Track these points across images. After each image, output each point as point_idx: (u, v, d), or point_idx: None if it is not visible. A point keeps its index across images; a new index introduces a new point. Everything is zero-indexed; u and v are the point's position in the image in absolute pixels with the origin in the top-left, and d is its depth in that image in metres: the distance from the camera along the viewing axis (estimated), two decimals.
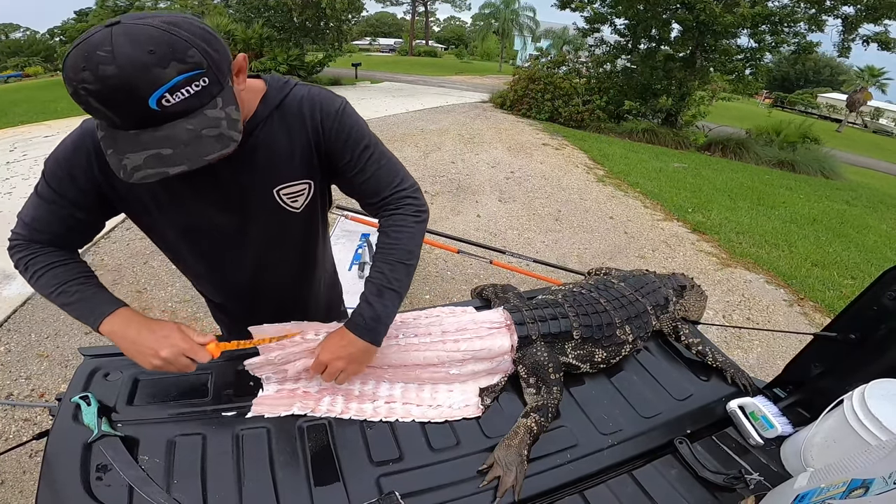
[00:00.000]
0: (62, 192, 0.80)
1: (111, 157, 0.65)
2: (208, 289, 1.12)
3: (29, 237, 0.83)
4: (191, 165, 0.65)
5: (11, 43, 41.61)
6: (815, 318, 3.43)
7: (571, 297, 1.12)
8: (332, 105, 0.86)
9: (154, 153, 0.64)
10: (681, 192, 6.14)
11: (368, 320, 0.88)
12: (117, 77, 0.58)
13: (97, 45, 0.59)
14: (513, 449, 0.84)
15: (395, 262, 0.91)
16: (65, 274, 0.83)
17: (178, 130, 0.64)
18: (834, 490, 0.67)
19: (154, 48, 0.59)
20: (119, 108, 0.61)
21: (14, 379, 2.30)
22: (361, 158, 0.90)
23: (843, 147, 15.05)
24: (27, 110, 10.07)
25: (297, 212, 0.93)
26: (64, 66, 0.61)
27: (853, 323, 0.99)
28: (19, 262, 0.84)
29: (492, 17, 36.97)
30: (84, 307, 0.82)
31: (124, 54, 0.58)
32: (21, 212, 0.84)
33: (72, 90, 0.61)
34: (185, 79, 0.62)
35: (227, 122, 0.67)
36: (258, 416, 0.88)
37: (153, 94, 0.60)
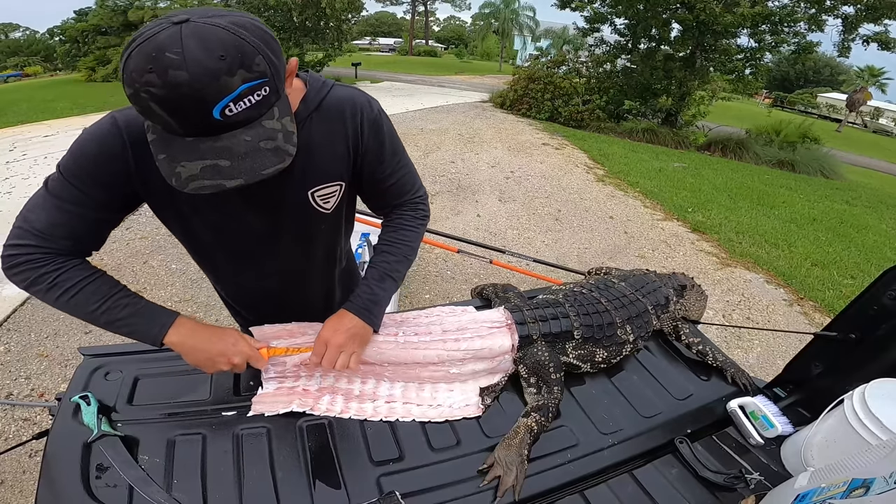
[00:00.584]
0: (87, 191, 0.73)
1: (163, 162, 0.62)
2: (231, 287, 1.10)
3: (45, 247, 0.74)
4: (248, 180, 0.63)
5: (11, 42, 41.58)
6: (815, 317, 3.43)
7: (572, 296, 1.12)
8: (371, 108, 0.87)
9: (211, 164, 0.61)
10: (680, 191, 6.14)
11: (367, 301, 0.92)
12: (187, 84, 0.55)
13: (166, 45, 0.55)
14: (513, 448, 0.84)
15: (401, 256, 0.97)
16: (105, 288, 0.78)
17: (236, 141, 0.62)
18: (834, 490, 0.67)
19: (224, 53, 0.56)
20: (182, 115, 0.58)
21: (14, 378, 2.30)
22: (391, 164, 0.93)
23: (843, 147, 15.05)
24: (26, 110, 10.07)
25: (328, 212, 0.92)
26: (125, 65, 0.57)
27: (853, 322, 0.99)
28: (38, 280, 0.74)
29: (492, 17, 36.96)
30: (141, 322, 0.79)
31: (196, 59, 0.55)
32: (25, 220, 0.74)
33: (132, 92, 0.57)
34: (249, 88, 0.59)
35: (284, 134, 0.65)
36: (258, 415, 0.88)
37: (219, 104, 0.58)
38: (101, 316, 0.77)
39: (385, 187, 0.95)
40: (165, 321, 0.81)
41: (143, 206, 0.85)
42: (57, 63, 28.24)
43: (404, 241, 0.97)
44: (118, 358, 0.97)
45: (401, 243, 0.97)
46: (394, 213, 1.00)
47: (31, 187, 4.81)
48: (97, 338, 2.57)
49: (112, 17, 19.70)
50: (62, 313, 0.78)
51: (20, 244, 0.74)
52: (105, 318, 0.77)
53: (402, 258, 0.97)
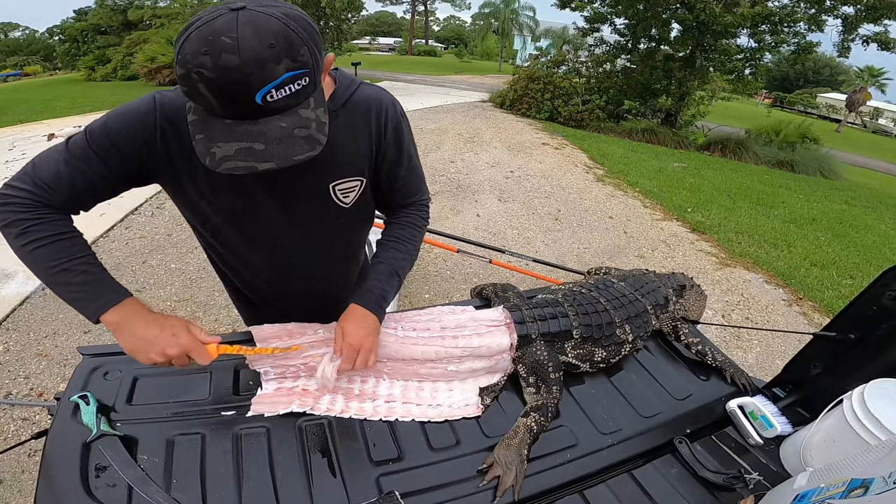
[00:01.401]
0: (105, 159, 0.75)
1: (200, 142, 0.65)
2: (242, 270, 1.07)
3: (40, 198, 0.74)
4: (279, 164, 0.65)
5: (10, 42, 41.59)
6: (814, 317, 3.43)
7: (571, 296, 1.12)
8: (395, 110, 0.91)
9: (246, 146, 0.64)
10: (680, 191, 6.14)
11: (378, 297, 0.93)
12: (237, 69, 0.58)
13: (222, 30, 0.58)
14: (512, 448, 0.84)
15: (407, 254, 0.99)
16: (70, 249, 0.76)
17: (272, 127, 0.64)
18: (833, 490, 0.67)
19: (274, 42, 0.59)
20: (226, 98, 0.61)
21: (13, 378, 2.30)
22: (406, 165, 0.96)
23: (843, 147, 15.06)
24: (26, 109, 10.07)
25: (347, 207, 0.94)
26: (181, 47, 0.60)
27: (852, 323, 0.99)
28: (15, 223, 0.73)
29: (491, 17, 36.96)
30: (88, 291, 0.75)
31: (248, 46, 0.58)
32: (33, 166, 0.75)
33: (184, 72, 0.60)
34: (291, 77, 0.62)
35: (317, 124, 0.68)
36: (257, 415, 0.88)
37: (262, 90, 0.61)
38: (55, 275, 0.74)
39: (396, 187, 0.98)
40: (112, 298, 0.76)
41: (141, 205, 0.85)
42: (56, 62, 28.25)
43: (410, 240, 1.00)
44: (117, 357, 0.97)
45: (407, 241, 0.99)
46: (400, 213, 1.03)
47: None
48: (96, 337, 2.57)
49: (111, 16, 19.70)
50: (62, 313, 0.78)
51: (17, 186, 0.74)
52: (57, 278, 0.74)
53: (407, 256, 0.99)
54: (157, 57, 14.12)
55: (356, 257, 1.15)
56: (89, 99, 11.60)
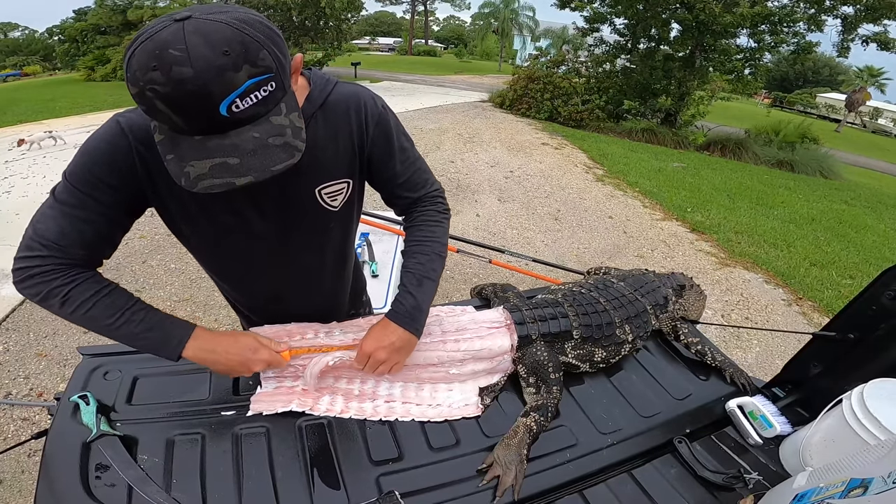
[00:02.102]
0: (96, 196, 0.72)
1: (171, 162, 0.62)
2: (239, 290, 1.07)
3: (56, 258, 0.72)
4: (257, 177, 0.62)
5: (10, 42, 41.55)
6: (814, 317, 3.44)
7: (571, 296, 1.12)
8: (375, 105, 0.87)
9: (220, 162, 0.60)
10: (680, 191, 6.15)
11: (410, 309, 0.90)
12: (192, 81, 0.54)
13: (168, 42, 0.54)
14: (512, 448, 0.84)
15: (433, 254, 0.95)
16: (120, 301, 0.77)
17: (244, 138, 0.61)
18: (833, 489, 0.67)
19: (228, 49, 0.56)
20: (188, 113, 0.58)
21: (13, 378, 2.30)
22: (401, 158, 0.93)
23: (842, 147, 15.07)
24: (25, 109, 10.06)
25: (335, 210, 0.92)
26: (128, 63, 0.56)
27: (852, 322, 0.99)
28: (51, 294, 0.72)
29: (491, 17, 36.96)
30: (157, 336, 0.78)
31: (200, 55, 0.54)
32: (35, 230, 0.72)
33: (136, 91, 0.56)
34: (255, 83, 0.59)
35: (292, 129, 0.65)
36: (257, 415, 0.88)
37: (225, 100, 0.57)
38: (118, 330, 0.76)
39: (398, 183, 0.95)
40: (182, 335, 0.80)
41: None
42: (56, 62, 28.22)
43: (432, 239, 0.96)
44: (117, 357, 0.97)
45: (429, 241, 0.96)
46: (415, 211, 0.99)
47: (31, 186, 4.83)
48: (96, 337, 2.56)
49: (111, 16, 19.67)
50: None
51: (30, 256, 0.72)
52: (121, 333, 0.76)
53: (434, 256, 0.95)
54: None
55: (348, 260, 1.13)
56: (89, 99, 11.60)
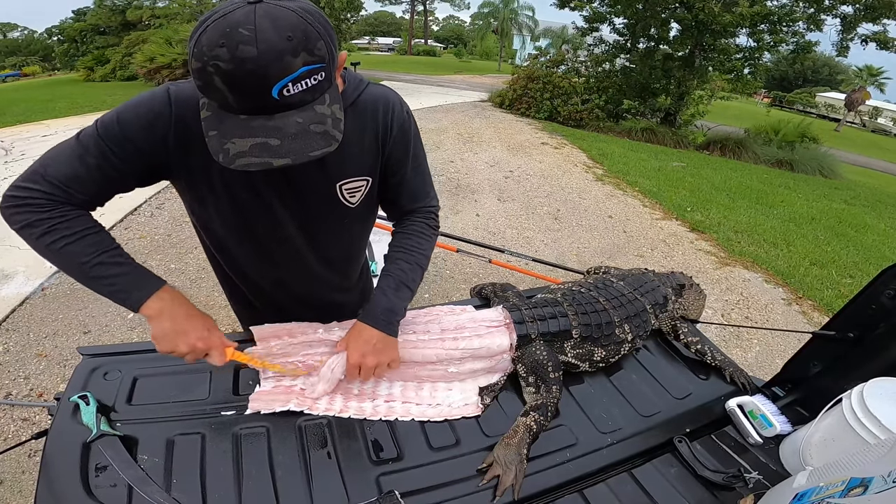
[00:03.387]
0: (120, 154, 0.73)
1: (213, 138, 0.64)
2: (248, 271, 1.06)
3: (58, 197, 0.73)
4: (295, 160, 0.64)
5: (9, 42, 41.56)
6: (814, 316, 3.44)
7: (571, 295, 1.12)
8: (402, 109, 0.90)
9: (261, 142, 0.63)
10: (679, 190, 6.15)
11: (384, 311, 0.91)
12: (254, 60, 0.57)
13: (239, 22, 0.57)
14: (512, 448, 0.84)
15: (415, 264, 0.96)
16: (101, 243, 0.76)
17: (288, 122, 0.63)
18: (833, 489, 0.67)
19: (292, 34, 0.59)
20: (242, 91, 0.60)
21: (13, 378, 2.30)
22: (412, 165, 0.95)
23: (842, 146, 15.08)
24: (25, 109, 10.05)
25: (353, 207, 0.93)
26: (196, 40, 0.59)
27: (852, 321, 0.99)
28: (38, 223, 0.72)
29: (491, 16, 36.94)
30: (127, 282, 0.77)
31: (266, 38, 0.57)
32: (44, 165, 0.73)
33: (199, 65, 0.59)
34: (308, 70, 0.61)
35: (332, 120, 0.67)
36: (257, 414, 0.88)
37: (280, 83, 0.60)
38: (91, 269, 0.75)
39: (402, 190, 0.97)
40: (152, 287, 0.78)
41: (140, 205, 0.85)
42: (55, 63, 28.23)
43: (418, 249, 0.97)
44: (117, 358, 0.97)
45: (415, 251, 0.97)
46: (407, 220, 1.01)
47: None
48: (96, 337, 2.57)
49: (110, 16, 19.67)
50: (61, 314, 0.78)
51: (30, 188, 0.72)
52: (94, 272, 0.75)
53: (415, 266, 0.96)
54: (157, 57, 14.10)
55: (358, 259, 1.15)
56: (88, 99, 11.59)
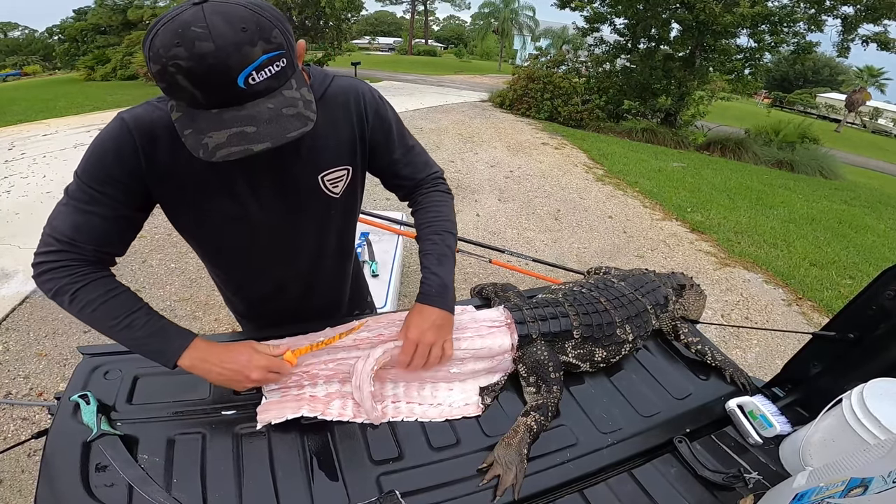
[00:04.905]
0: (107, 192, 0.75)
1: (189, 136, 0.65)
2: (242, 285, 1.08)
3: (71, 254, 0.76)
4: (274, 142, 0.65)
5: (10, 41, 41.59)
6: (814, 317, 3.44)
7: (571, 296, 1.12)
8: (373, 95, 0.92)
9: (238, 131, 0.64)
10: (680, 191, 6.15)
11: (438, 288, 0.93)
12: (213, 54, 0.59)
13: (190, 22, 0.59)
14: (512, 448, 0.84)
15: (444, 232, 0.98)
16: (126, 304, 0.79)
17: (260, 109, 0.65)
18: (833, 489, 0.67)
19: (245, 26, 0.61)
20: (208, 85, 0.61)
21: (13, 378, 2.30)
22: (400, 144, 0.97)
23: (842, 147, 15.08)
24: (25, 109, 10.05)
25: (337, 197, 0.94)
26: (151, 43, 0.60)
27: (852, 322, 0.99)
28: (61, 291, 0.75)
29: (491, 17, 36.98)
30: (156, 343, 0.79)
31: (220, 32, 0.59)
32: (51, 227, 0.76)
33: (159, 67, 0.60)
34: (269, 58, 0.63)
35: (303, 102, 0.69)
36: (257, 414, 0.87)
37: (243, 72, 0.61)
38: (119, 333, 0.78)
39: (398, 168, 0.99)
40: (181, 344, 0.80)
41: None
42: (56, 62, 28.23)
43: (441, 217, 1.00)
44: (117, 357, 0.97)
45: (439, 219, 0.99)
46: (418, 195, 1.03)
47: (30, 186, 4.83)
48: (96, 337, 2.57)
49: (111, 16, 19.68)
50: (61, 313, 0.79)
51: (46, 251, 0.76)
52: (123, 336, 0.78)
53: (446, 234, 0.99)
54: None
55: (350, 254, 1.15)
56: (89, 99, 11.59)
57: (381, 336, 0.96)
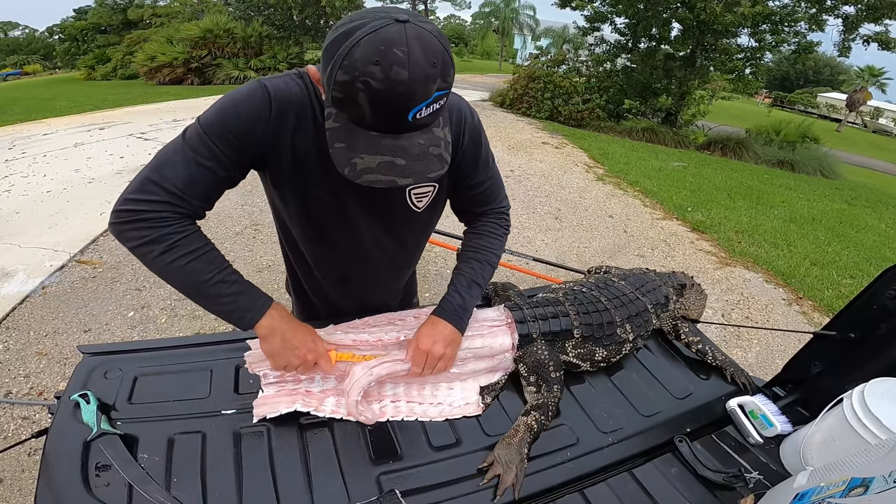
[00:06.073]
0: (228, 153, 0.73)
1: (340, 151, 0.65)
2: (315, 265, 1.06)
3: (178, 206, 0.72)
4: (416, 180, 0.66)
5: (10, 41, 41.62)
6: (814, 317, 3.43)
7: (572, 295, 1.12)
8: (472, 118, 0.91)
9: (388, 160, 0.64)
10: (680, 190, 6.14)
11: (457, 308, 0.93)
12: (405, 83, 0.58)
13: (394, 42, 0.58)
14: (513, 447, 0.84)
15: (485, 263, 0.99)
16: (219, 260, 0.77)
17: (412, 143, 0.65)
18: (833, 489, 0.67)
19: (436, 61, 0.60)
20: (384, 111, 0.61)
21: (13, 377, 2.30)
22: (483, 172, 0.97)
23: (843, 147, 15.08)
24: (26, 108, 10.06)
25: (418, 211, 0.95)
26: (350, 52, 0.58)
27: (852, 322, 0.99)
28: (159, 240, 0.71)
29: (492, 16, 36.96)
30: (244, 300, 0.78)
31: (417, 62, 0.58)
32: (159, 174, 0.71)
33: (347, 79, 0.59)
34: (438, 96, 0.63)
35: (444, 143, 0.69)
36: (260, 417, 0.87)
37: (417, 107, 0.61)
38: (211, 287, 0.75)
39: (474, 194, 0.99)
40: (263, 306, 0.80)
41: None
42: (56, 61, 28.25)
43: (489, 248, 1.00)
44: (118, 356, 0.97)
45: (486, 250, 0.99)
46: (478, 221, 1.03)
47: (31, 185, 4.82)
48: (97, 336, 2.57)
49: (111, 15, 19.69)
50: (62, 312, 0.78)
51: (145, 200, 0.70)
52: (213, 290, 0.75)
53: (486, 265, 0.99)
54: (157, 56, 14.12)
55: (414, 263, 1.17)
56: (89, 98, 11.59)
57: (399, 339, 0.96)
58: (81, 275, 3.17)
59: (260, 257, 3.53)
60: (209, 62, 14.02)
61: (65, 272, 3.19)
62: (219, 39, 13.98)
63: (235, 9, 15.98)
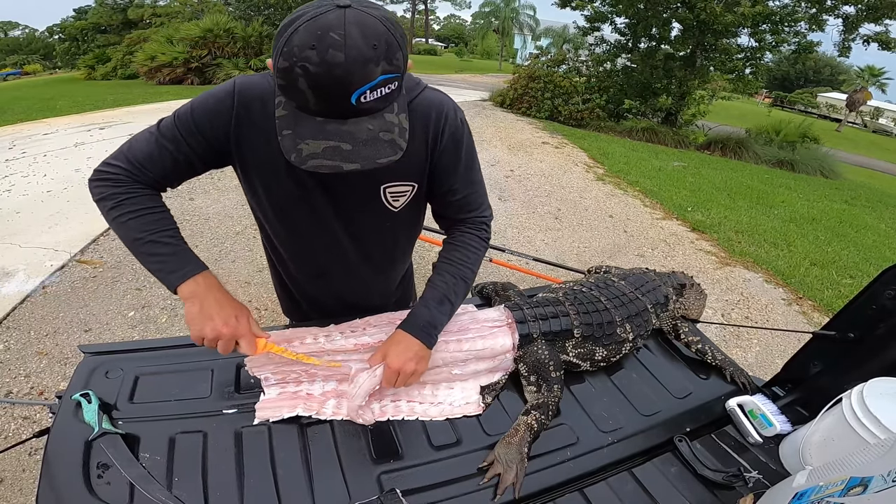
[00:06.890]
0: (189, 141, 0.80)
1: (287, 138, 0.66)
2: (291, 260, 1.07)
3: (133, 174, 0.80)
4: (364, 166, 0.66)
5: (10, 41, 41.60)
6: (814, 317, 3.44)
7: (572, 295, 1.12)
8: (456, 116, 0.88)
9: (334, 145, 0.65)
10: (680, 190, 6.14)
11: (425, 323, 0.89)
12: (342, 66, 0.59)
13: (331, 26, 0.59)
14: (513, 446, 0.84)
15: (459, 278, 0.94)
16: (160, 222, 0.81)
17: (360, 128, 0.65)
18: (832, 488, 0.67)
19: (377, 43, 0.60)
20: (324, 95, 0.62)
21: (13, 377, 2.30)
22: (464, 177, 0.93)
23: (843, 147, 15.07)
24: (26, 108, 10.05)
25: (395, 211, 0.93)
26: (289, 39, 0.60)
27: (852, 321, 0.99)
28: (111, 197, 0.80)
29: (492, 16, 36.95)
30: (171, 261, 0.80)
31: (355, 45, 0.59)
32: (129, 147, 0.82)
33: (287, 65, 0.61)
34: (384, 80, 0.63)
35: (399, 129, 0.69)
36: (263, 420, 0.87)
37: (359, 90, 0.61)
38: (143, 246, 0.80)
39: (452, 200, 0.94)
40: (194, 269, 0.81)
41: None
42: (56, 61, 28.25)
43: (464, 263, 0.95)
44: (119, 356, 0.97)
45: (461, 264, 0.95)
46: (456, 230, 0.98)
47: (31, 185, 4.83)
48: (97, 336, 2.57)
49: (111, 15, 19.68)
50: (62, 312, 0.79)
51: (113, 164, 0.81)
52: (144, 249, 0.80)
53: (460, 280, 0.94)
54: (157, 56, 14.10)
55: (401, 263, 1.14)
56: (89, 98, 11.58)
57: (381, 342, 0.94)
58: (82, 274, 3.17)
59: (260, 257, 3.53)
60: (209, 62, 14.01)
61: (65, 272, 3.19)
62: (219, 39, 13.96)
63: (235, 9, 15.98)
